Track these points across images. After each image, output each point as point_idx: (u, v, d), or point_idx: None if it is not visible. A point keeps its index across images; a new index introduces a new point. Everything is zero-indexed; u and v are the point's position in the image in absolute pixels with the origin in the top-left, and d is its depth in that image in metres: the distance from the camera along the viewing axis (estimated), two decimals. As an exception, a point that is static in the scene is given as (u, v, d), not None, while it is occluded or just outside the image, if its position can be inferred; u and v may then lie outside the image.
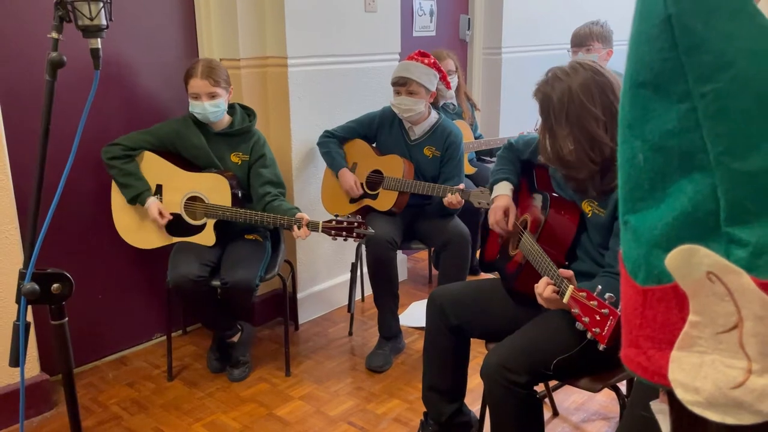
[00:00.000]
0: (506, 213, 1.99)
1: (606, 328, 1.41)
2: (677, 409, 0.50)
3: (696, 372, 0.47)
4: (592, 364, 1.72)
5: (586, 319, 1.45)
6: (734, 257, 0.46)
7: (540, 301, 1.62)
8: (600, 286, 1.48)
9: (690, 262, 0.46)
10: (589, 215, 1.78)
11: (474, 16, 4.33)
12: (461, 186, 2.65)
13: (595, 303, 1.45)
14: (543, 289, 1.60)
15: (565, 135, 1.69)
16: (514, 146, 2.10)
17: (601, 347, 1.42)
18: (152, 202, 2.52)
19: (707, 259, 0.46)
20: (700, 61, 0.46)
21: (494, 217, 1.99)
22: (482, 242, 2.24)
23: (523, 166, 2.09)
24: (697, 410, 0.48)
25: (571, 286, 1.53)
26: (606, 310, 1.42)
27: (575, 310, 1.49)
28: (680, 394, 0.48)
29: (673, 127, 0.47)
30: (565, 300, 1.54)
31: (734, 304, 0.45)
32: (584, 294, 1.48)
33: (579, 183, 1.77)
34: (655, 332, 0.50)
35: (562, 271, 1.60)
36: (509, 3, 4.27)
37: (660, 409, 0.54)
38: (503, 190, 2.04)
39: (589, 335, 1.45)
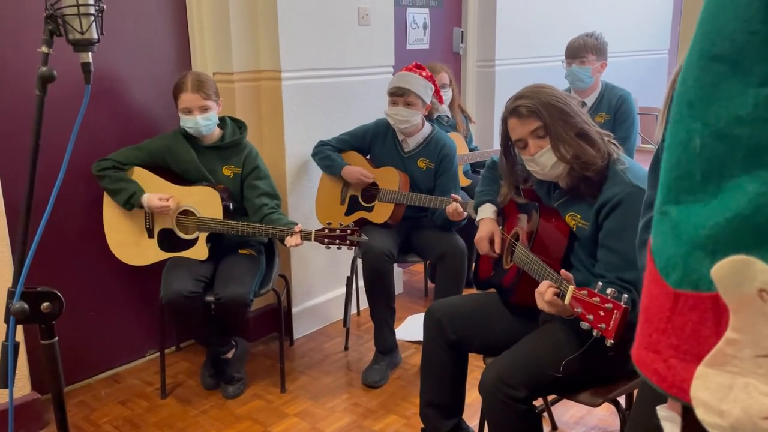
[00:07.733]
0: (492, 240, 2.01)
1: (612, 323, 1.39)
2: (692, 427, 0.45)
3: (724, 394, 0.42)
4: (597, 368, 1.70)
5: (591, 317, 1.44)
6: None
7: (541, 305, 1.60)
8: (600, 283, 1.47)
9: (742, 275, 0.40)
10: (574, 229, 1.77)
11: (467, 29, 4.34)
12: (456, 197, 2.63)
13: (598, 299, 1.43)
14: (545, 290, 1.58)
15: (564, 140, 1.70)
16: (498, 164, 2.10)
17: (609, 342, 1.40)
18: (149, 196, 2.49)
19: (763, 275, 0.40)
20: None
21: (482, 249, 2.02)
22: (476, 259, 2.22)
23: None
24: None
25: (571, 287, 1.52)
26: (609, 305, 1.41)
27: (578, 309, 1.48)
28: (701, 415, 0.43)
29: (747, 114, 0.40)
30: (566, 301, 1.52)
31: None
32: (585, 292, 1.48)
33: (568, 191, 1.77)
34: (681, 342, 0.44)
35: (562, 272, 1.58)
36: (502, 16, 4.29)
37: (667, 417, 0.49)
38: (487, 213, 2.08)
39: (595, 332, 1.44)
